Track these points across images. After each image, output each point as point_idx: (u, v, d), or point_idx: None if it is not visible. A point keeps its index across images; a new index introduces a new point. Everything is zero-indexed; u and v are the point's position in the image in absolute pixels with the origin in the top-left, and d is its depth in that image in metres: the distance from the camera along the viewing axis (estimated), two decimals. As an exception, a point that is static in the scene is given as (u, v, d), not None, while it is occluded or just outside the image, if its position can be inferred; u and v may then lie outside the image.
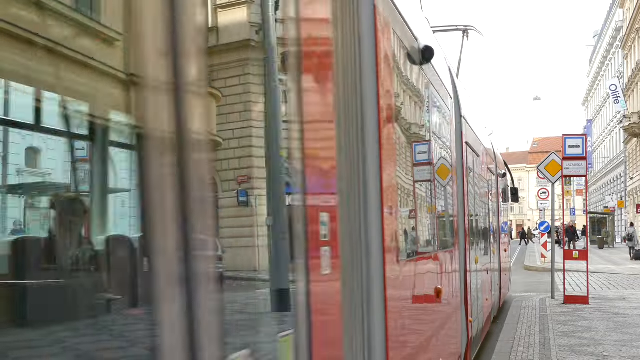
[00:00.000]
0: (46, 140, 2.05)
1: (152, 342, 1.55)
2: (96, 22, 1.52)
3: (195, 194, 1.68)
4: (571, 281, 17.92)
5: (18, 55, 1.43)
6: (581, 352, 8.17)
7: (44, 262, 1.71)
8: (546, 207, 30.80)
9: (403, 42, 4.11)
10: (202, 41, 1.76)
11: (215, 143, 1.98)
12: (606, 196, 64.27)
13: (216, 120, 1.98)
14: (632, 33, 50.83)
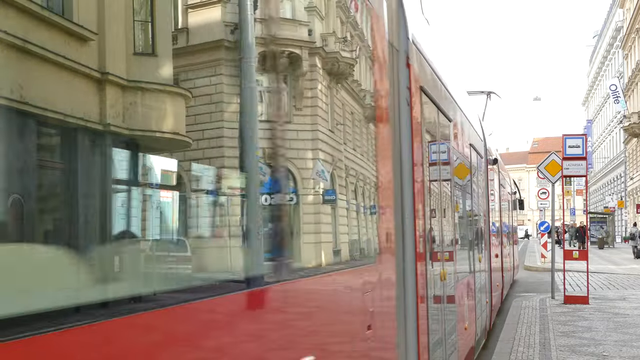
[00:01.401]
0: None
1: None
2: (72, 22, 1.51)
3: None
4: (571, 281, 17.91)
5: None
6: (581, 352, 8.16)
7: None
8: (546, 207, 30.78)
9: (440, 103, 5.41)
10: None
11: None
12: (606, 196, 64.27)
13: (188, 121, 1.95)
14: (632, 33, 50.83)
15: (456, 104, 7.05)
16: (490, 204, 11.16)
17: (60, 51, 1.44)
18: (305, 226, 2.68)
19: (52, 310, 1.32)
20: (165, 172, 1.84)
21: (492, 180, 11.83)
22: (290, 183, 2.55)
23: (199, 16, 2.07)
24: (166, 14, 1.86)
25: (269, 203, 2.32)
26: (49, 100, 1.41)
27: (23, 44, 1.32)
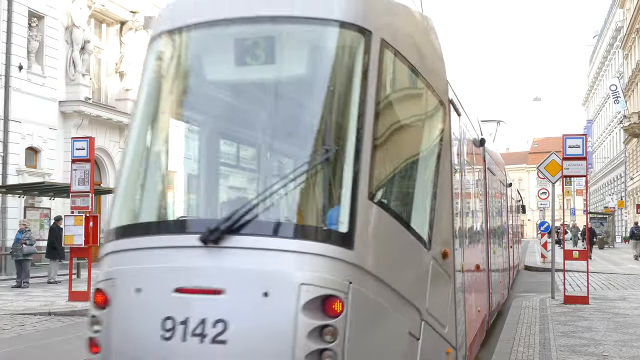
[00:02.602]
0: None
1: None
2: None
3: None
4: (571, 281, 17.90)
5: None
6: (581, 352, 8.16)
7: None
8: (546, 207, 30.78)
9: (467, 134, 7.04)
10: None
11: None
12: (606, 196, 64.23)
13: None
14: (632, 33, 50.80)
15: (496, 165, 12.06)
16: (509, 214, 16.35)
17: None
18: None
19: None
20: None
21: (509, 198, 16.52)
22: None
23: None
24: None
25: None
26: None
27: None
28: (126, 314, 3.88)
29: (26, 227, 17.41)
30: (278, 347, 3.57)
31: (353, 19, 4.16)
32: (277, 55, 4.18)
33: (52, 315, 12.55)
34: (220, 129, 4.64)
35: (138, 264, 3.97)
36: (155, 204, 4.44)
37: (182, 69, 4.58)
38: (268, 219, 3.86)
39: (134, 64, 26.45)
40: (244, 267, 3.69)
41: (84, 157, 14.02)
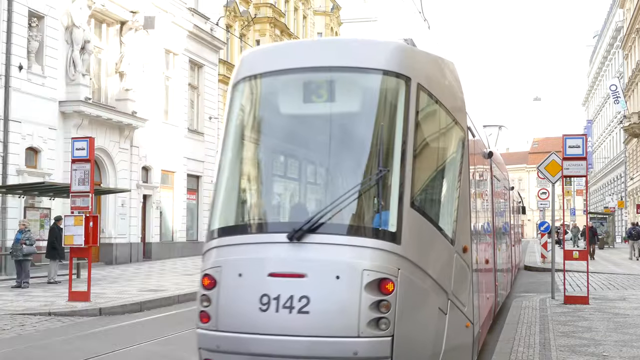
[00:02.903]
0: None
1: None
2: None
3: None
4: (571, 281, 17.90)
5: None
6: (581, 352, 8.15)
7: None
8: (546, 207, 30.79)
9: (479, 150, 8.39)
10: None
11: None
12: (606, 196, 64.23)
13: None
14: (632, 33, 50.79)
15: (500, 172, 12.96)
16: (512, 214, 17.77)
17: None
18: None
19: None
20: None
21: (511, 200, 17.69)
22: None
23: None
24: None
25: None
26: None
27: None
28: (231, 292, 5.27)
29: (26, 227, 17.40)
30: (347, 316, 4.94)
31: (395, 68, 5.63)
32: (337, 95, 5.64)
33: (52, 315, 12.55)
34: (296, 152, 6.08)
35: (239, 255, 5.38)
36: (250, 210, 5.91)
37: (262, 105, 6.06)
38: (337, 221, 5.24)
39: (134, 64, 26.45)
40: (320, 258, 5.11)
41: (84, 157, 14.01)
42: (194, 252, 31.39)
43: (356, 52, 5.84)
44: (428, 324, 5.41)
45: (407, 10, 65.72)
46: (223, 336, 5.28)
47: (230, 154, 5.92)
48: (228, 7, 35.28)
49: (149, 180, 28.17)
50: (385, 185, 5.37)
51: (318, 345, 4.99)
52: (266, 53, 6.33)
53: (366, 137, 5.63)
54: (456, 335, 5.88)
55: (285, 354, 5.05)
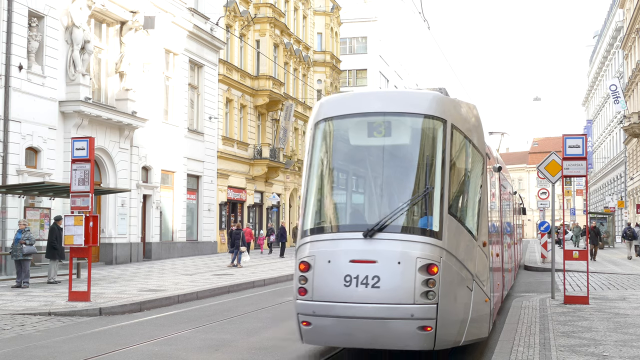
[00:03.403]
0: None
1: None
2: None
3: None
4: (571, 281, 17.91)
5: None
6: (581, 352, 8.15)
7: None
8: (546, 207, 30.80)
9: (492, 167, 10.29)
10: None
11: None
12: (606, 196, 64.21)
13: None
14: (632, 33, 50.78)
15: (506, 180, 15.01)
16: (514, 216, 18.96)
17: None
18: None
19: None
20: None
21: (514, 204, 19.08)
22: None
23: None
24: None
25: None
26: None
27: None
28: (323, 273, 7.52)
29: (26, 227, 17.39)
30: (406, 289, 7.24)
31: (436, 113, 8.06)
32: (392, 132, 8.10)
33: (52, 315, 12.55)
34: (363, 174, 8.42)
35: (328, 248, 7.67)
36: (334, 216, 8.36)
37: (337, 139, 8.51)
38: (397, 224, 7.59)
39: (134, 64, 26.45)
40: (386, 249, 7.42)
41: (84, 157, 14.01)
42: (194, 252, 31.39)
43: (405, 101, 8.41)
44: (460, 297, 7.73)
45: (407, 10, 65.73)
46: (317, 304, 7.54)
47: (315, 175, 8.31)
48: (228, 7, 35.28)
49: (149, 180, 28.16)
50: (430, 198, 7.74)
51: (386, 309, 7.26)
52: (339, 101, 8.69)
53: (415, 163, 8.08)
54: (478, 306, 8.20)
55: (363, 315, 7.31)
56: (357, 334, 7.45)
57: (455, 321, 7.61)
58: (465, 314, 7.81)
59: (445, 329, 7.42)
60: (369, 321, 7.32)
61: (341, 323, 7.43)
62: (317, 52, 49.56)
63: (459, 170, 8.28)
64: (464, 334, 7.85)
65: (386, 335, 7.38)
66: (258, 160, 37.98)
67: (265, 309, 13.90)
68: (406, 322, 7.27)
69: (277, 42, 40.26)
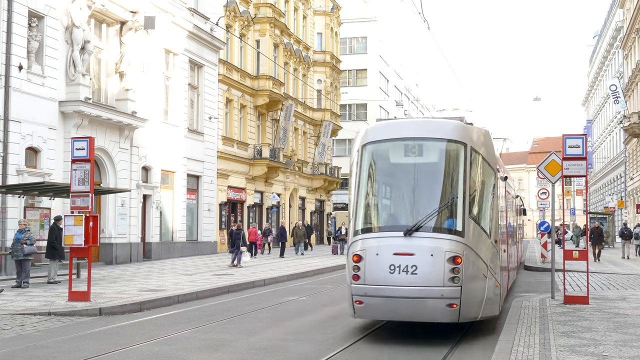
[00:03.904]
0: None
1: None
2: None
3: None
4: (571, 281, 17.91)
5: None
6: (581, 352, 8.16)
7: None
8: (546, 207, 30.79)
9: (501, 178, 12.22)
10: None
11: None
12: (606, 196, 64.20)
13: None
14: (632, 33, 50.78)
15: (510, 186, 16.86)
16: (517, 217, 20.49)
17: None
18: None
19: None
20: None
21: (516, 206, 20.75)
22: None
23: None
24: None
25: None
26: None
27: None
28: (372, 263, 9.60)
29: (26, 227, 17.39)
30: (437, 275, 9.30)
31: (458, 138, 10.29)
32: (424, 153, 10.32)
33: (52, 315, 12.55)
34: (401, 185, 10.58)
35: (376, 243, 9.77)
36: (380, 218, 10.50)
37: (380, 158, 10.72)
38: (430, 225, 9.70)
39: (134, 64, 26.44)
40: (422, 245, 9.47)
41: (84, 157, 14.01)
42: (194, 252, 31.38)
43: (433, 128, 10.73)
44: (477, 282, 9.83)
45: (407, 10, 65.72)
46: (368, 287, 9.68)
47: (363, 186, 10.48)
48: (228, 7, 35.27)
49: (149, 180, 28.16)
50: (455, 205, 9.94)
51: (422, 291, 9.40)
52: (381, 128, 11.02)
53: (442, 177, 10.37)
54: (491, 290, 10.29)
55: (404, 296, 9.44)
56: (399, 310, 9.60)
57: (474, 301, 9.73)
58: (481, 296, 9.92)
59: (467, 306, 9.54)
60: (409, 300, 9.46)
61: (387, 302, 9.54)
62: (317, 52, 49.56)
63: (476, 182, 10.43)
64: (481, 311, 9.96)
65: (422, 311, 9.54)
66: (258, 160, 37.98)
67: (265, 309, 13.90)
68: (437, 300, 9.42)
69: (277, 42, 40.26)
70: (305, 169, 47.36)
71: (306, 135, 47.73)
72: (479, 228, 10.08)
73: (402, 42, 76.16)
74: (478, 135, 10.77)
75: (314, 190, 48.82)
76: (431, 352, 9.12)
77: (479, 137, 10.78)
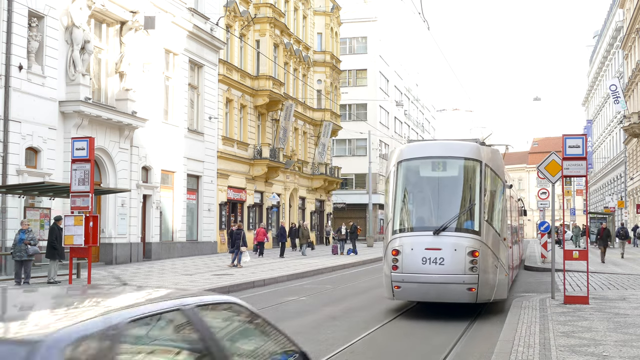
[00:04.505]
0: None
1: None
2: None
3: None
4: (571, 281, 17.90)
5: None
6: (581, 352, 8.15)
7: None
8: (546, 207, 30.78)
9: (508, 187, 15.05)
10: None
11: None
12: (606, 196, 64.19)
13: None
14: (632, 33, 50.77)
15: (514, 192, 19.32)
16: (518, 220, 22.61)
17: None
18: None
19: None
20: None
21: (519, 208, 23.21)
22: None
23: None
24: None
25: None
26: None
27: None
28: (407, 256, 12.02)
29: (28, 227, 17.36)
30: (459, 265, 11.83)
31: (474, 156, 12.78)
32: (447, 168, 12.91)
33: (52, 315, 12.52)
34: (429, 194, 12.83)
35: (410, 240, 12.19)
36: (414, 221, 12.85)
37: (413, 172, 13.06)
38: (454, 226, 12.17)
39: (134, 64, 26.44)
40: (448, 242, 11.94)
41: (84, 157, 14.01)
42: (194, 252, 31.38)
43: (455, 149, 13.16)
44: (491, 271, 12.13)
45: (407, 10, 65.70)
46: (405, 275, 12.03)
47: (399, 194, 12.90)
48: (228, 7, 35.27)
49: (149, 180, 28.16)
50: (473, 210, 12.32)
51: (448, 277, 11.76)
52: (413, 148, 13.61)
53: (462, 188, 12.83)
54: (501, 278, 12.62)
55: (434, 282, 11.81)
56: (429, 293, 12.00)
57: (488, 286, 12.08)
58: (494, 282, 12.25)
59: (483, 290, 11.94)
60: (437, 285, 11.86)
61: (420, 286, 11.89)
62: (317, 52, 49.55)
63: (489, 192, 12.80)
64: (493, 294, 12.31)
65: (448, 293, 11.93)
66: (258, 160, 37.97)
67: (265, 309, 13.90)
68: (459, 285, 11.83)
69: (277, 42, 40.26)
70: (305, 169, 47.35)
71: (306, 135, 47.73)
72: (491, 228, 12.48)
73: (402, 42, 76.15)
74: (490, 154, 13.26)
75: (314, 190, 48.81)
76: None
77: (491, 155, 13.27)
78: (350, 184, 64.47)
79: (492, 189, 12.84)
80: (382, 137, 65.41)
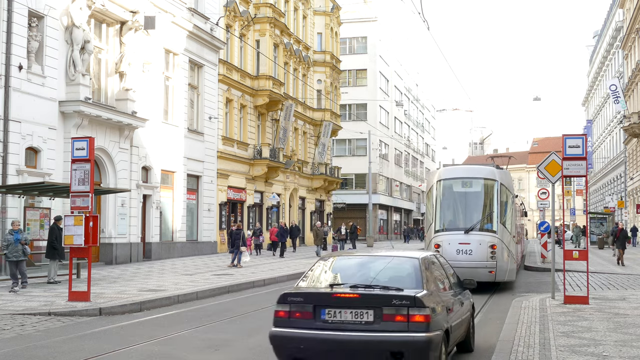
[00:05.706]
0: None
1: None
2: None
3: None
4: (571, 281, 17.92)
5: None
6: (581, 352, 8.16)
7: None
8: (546, 207, 30.82)
9: (515, 196, 20.75)
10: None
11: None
12: (606, 196, 64.19)
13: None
14: (632, 33, 50.77)
15: (517, 199, 23.28)
16: (521, 221, 26.70)
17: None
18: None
19: None
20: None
21: (521, 211, 26.80)
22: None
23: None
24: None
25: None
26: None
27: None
28: (446, 249, 17.00)
29: (19, 228, 17.16)
30: (483, 255, 17.06)
31: (492, 177, 18.30)
32: (473, 186, 18.38)
33: (52, 315, 12.55)
34: (459, 205, 18.34)
35: (447, 237, 17.56)
36: (450, 223, 18.06)
37: (448, 189, 18.39)
38: (479, 227, 17.62)
39: (134, 64, 26.44)
40: (474, 238, 17.25)
41: (84, 157, 14.01)
42: (193, 252, 31.38)
43: (478, 172, 18.62)
44: (505, 259, 17.21)
45: (407, 10, 65.71)
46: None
47: (439, 205, 18.08)
48: (228, 7, 35.26)
49: (149, 180, 28.16)
50: (492, 216, 17.65)
51: (474, 263, 16.79)
52: (449, 171, 19.32)
53: (484, 200, 17.96)
54: (512, 265, 17.86)
55: (465, 267, 16.02)
56: (461, 275, 12.86)
57: (503, 269, 17.03)
58: (507, 267, 17.19)
59: (499, 272, 16.91)
60: (467, 269, 15.80)
61: (456, 270, 13.12)
62: (317, 52, 49.55)
63: (503, 202, 17.86)
64: (506, 276, 17.23)
65: (474, 275, 15.09)
66: (258, 160, 37.97)
67: (266, 309, 13.89)
68: (483, 269, 16.69)
69: (277, 42, 40.25)
70: (305, 169, 47.35)
71: (306, 135, 47.73)
72: (505, 229, 17.57)
73: (402, 42, 76.16)
74: (503, 174, 18.65)
75: (314, 190, 48.81)
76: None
77: (503, 175, 18.65)
78: (350, 184, 64.50)
79: (505, 200, 17.91)
80: (382, 137, 65.43)
